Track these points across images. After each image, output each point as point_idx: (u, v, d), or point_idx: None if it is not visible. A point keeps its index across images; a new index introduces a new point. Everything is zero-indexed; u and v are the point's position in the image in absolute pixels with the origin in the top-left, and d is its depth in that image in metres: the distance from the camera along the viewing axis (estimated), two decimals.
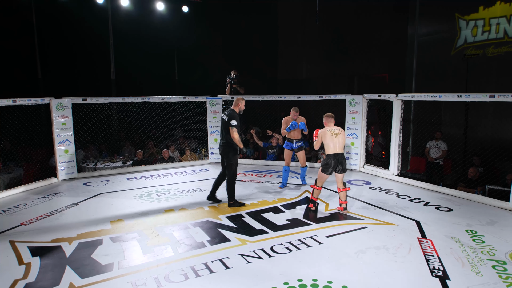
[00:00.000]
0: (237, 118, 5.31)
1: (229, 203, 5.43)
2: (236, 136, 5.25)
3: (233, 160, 5.39)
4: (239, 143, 5.30)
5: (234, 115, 5.35)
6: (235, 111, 5.46)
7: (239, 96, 5.57)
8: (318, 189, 5.23)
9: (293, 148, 6.54)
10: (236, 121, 5.27)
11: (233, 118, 5.28)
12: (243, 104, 5.57)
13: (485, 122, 8.18)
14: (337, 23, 12.52)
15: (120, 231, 4.58)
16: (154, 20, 12.54)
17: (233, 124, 5.24)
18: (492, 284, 3.31)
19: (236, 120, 5.27)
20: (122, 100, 7.86)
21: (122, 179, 7.32)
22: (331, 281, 3.35)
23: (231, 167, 5.40)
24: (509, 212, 5.21)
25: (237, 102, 5.55)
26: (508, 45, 8.47)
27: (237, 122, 5.27)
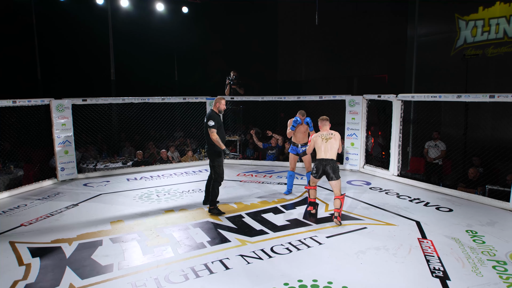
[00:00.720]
0: (215, 118, 5.13)
1: (209, 208, 5.26)
2: (214, 137, 5.07)
3: (216, 162, 5.22)
4: (219, 144, 5.11)
5: (212, 115, 5.17)
6: (214, 111, 5.27)
7: (219, 96, 5.44)
8: (313, 189, 5.14)
9: (298, 153, 6.16)
10: (214, 121, 5.09)
11: (210, 118, 5.12)
12: (222, 104, 5.36)
13: (485, 122, 8.18)
14: (336, 24, 12.53)
15: (120, 232, 4.58)
16: (153, 20, 12.54)
17: (210, 125, 5.07)
18: (493, 284, 3.30)
19: (213, 120, 5.09)
20: (122, 101, 7.86)
21: (122, 179, 7.32)
22: (331, 282, 3.35)
23: (215, 169, 5.24)
24: (509, 212, 5.20)
25: (216, 102, 5.36)
26: (508, 45, 8.47)
27: (214, 122, 5.09)
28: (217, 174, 5.24)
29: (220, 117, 5.36)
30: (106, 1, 11.04)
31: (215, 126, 5.11)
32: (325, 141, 4.93)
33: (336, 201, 4.80)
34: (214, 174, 5.27)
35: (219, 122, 5.22)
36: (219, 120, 5.26)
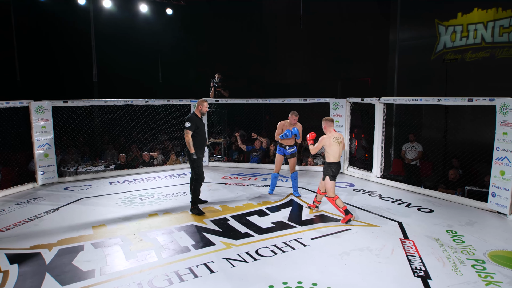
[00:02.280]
0: (192, 120, 5.13)
1: (191, 207, 5.33)
2: (187, 139, 5.10)
3: (192, 164, 5.26)
4: (189, 146, 5.11)
5: (190, 117, 5.20)
6: (195, 113, 5.29)
7: (201, 99, 5.45)
8: (337, 198, 4.96)
9: (285, 154, 6.16)
10: (191, 123, 5.09)
11: (187, 120, 5.14)
12: (205, 107, 5.36)
13: (464, 125, 8.40)
14: (321, 28, 12.67)
15: (102, 237, 4.49)
16: (137, 22, 12.40)
17: (185, 126, 5.10)
18: (472, 283, 3.39)
19: (190, 122, 5.10)
20: (104, 103, 7.74)
21: (105, 183, 7.19)
22: (316, 283, 3.37)
23: (194, 170, 5.31)
24: (487, 212, 5.35)
25: (198, 105, 5.35)
26: (485, 51, 8.75)
27: (191, 124, 5.09)
28: (197, 174, 5.29)
29: (201, 120, 5.34)
30: (88, 2, 10.86)
31: (191, 128, 5.12)
32: (338, 145, 4.93)
33: (321, 196, 5.39)
34: (194, 174, 5.33)
35: (197, 124, 5.19)
36: (198, 123, 5.24)
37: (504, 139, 5.12)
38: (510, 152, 5.03)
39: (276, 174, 6.25)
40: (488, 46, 8.71)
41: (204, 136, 5.38)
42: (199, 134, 5.23)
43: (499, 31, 8.51)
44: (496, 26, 8.56)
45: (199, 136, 5.25)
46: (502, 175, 5.15)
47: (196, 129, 5.18)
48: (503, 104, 5.08)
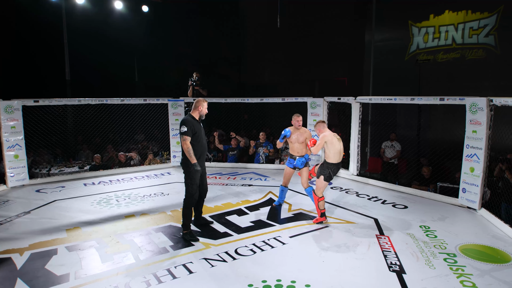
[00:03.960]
0: (189, 123, 4.28)
1: (182, 232, 4.41)
2: (185, 147, 4.23)
3: (187, 178, 4.39)
4: (189, 155, 4.23)
5: (186, 120, 4.33)
6: (193, 116, 4.44)
7: (200, 98, 4.62)
8: (322, 199, 4.78)
9: (295, 166, 5.35)
10: (187, 127, 4.24)
11: (182, 123, 4.28)
12: (205, 107, 4.49)
13: (436, 124, 8.69)
14: (299, 28, 12.79)
15: (77, 240, 4.37)
16: (112, 19, 12.10)
17: (181, 131, 4.25)
18: (444, 276, 3.51)
19: (186, 126, 4.24)
20: (78, 102, 7.52)
21: (79, 184, 6.99)
22: (295, 281, 3.40)
23: (187, 186, 4.40)
24: (458, 207, 5.56)
25: (197, 105, 4.46)
26: (456, 52, 9.07)
27: (187, 128, 4.24)
28: (188, 192, 4.38)
29: (199, 124, 4.48)
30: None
31: (189, 133, 4.25)
32: (340, 143, 4.77)
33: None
34: (186, 191, 4.41)
35: (195, 129, 4.32)
36: (197, 127, 4.37)
37: (473, 137, 5.32)
38: (479, 149, 5.24)
39: (284, 188, 5.50)
40: (458, 47, 9.03)
41: (204, 143, 4.49)
42: (198, 141, 4.36)
43: (468, 33, 8.85)
44: (466, 28, 8.89)
45: (198, 144, 4.36)
46: (472, 172, 5.35)
47: (193, 134, 4.31)
48: (473, 103, 5.29)
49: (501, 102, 4.89)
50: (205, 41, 13.68)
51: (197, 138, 4.36)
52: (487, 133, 5.15)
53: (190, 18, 13.62)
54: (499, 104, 4.95)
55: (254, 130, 9.30)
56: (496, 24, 8.36)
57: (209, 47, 13.74)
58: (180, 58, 13.53)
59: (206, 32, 13.66)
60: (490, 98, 5.08)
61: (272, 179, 7.26)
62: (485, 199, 5.33)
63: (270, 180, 7.23)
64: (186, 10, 13.42)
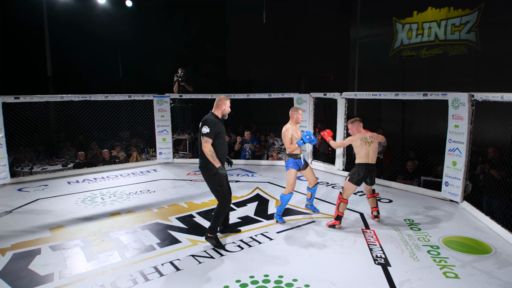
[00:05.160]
0: (212, 124, 3.86)
1: (207, 235, 4.11)
2: (207, 149, 3.82)
3: (213, 183, 4.00)
4: (213, 159, 3.83)
5: (209, 120, 3.90)
6: (215, 115, 4.02)
7: (222, 95, 4.14)
8: (345, 202, 4.54)
9: (300, 167, 4.97)
10: (209, 127, 3.82)
11: (204, 124, 3.86)
12: (227, 106, 4.07)
13: (420, 119, 8.85)
14: (285, 24, 12.78)
15: (61, 239, 4.29)
16: (95, 14, 11.85)
17: (203, 132, 3.83)
18: (428, 267, 3.59)
19: (209, 126, 3.83)
20: (60, 99, 7.36)
21: (62, 183, 6.86)
22: (282, 276, 3.43)
23: (216, 192, 4.05)
24: (441, 200, 5.68)
25: (219, 103, 4.04)
26: (439, 48, 9.23)
27: (210, 129, 3.82)
28: (221, 197, 4.03)
29: (222, 124, 4.06)
30: None
31: (211, 134, 3.83)
32: (368, 145, 4.55)
33: (372, 200, 4.85)
34: (217, 197, 4.07)
35: (218, 129, 3.91)
36: (219, 128, 3.95)
37: (455, 131, 5.44)
38: (461, 143, 5.36)
39: (290, 195, 4.82)
40: (441, 43, 9.20)
41: (225, 145, 4.08)
42: (220, 143, 3.95)
43: (451, 29, 9.01)
44: (448, 24, 9.05)
45: (221, 146, 3.97)
46: (454, 166, 5.47)
47: (216, 135, 3.91)
48: (455, 98, 5.40)
49: (482, 97, 5.00)
50: (191, 37, 13.55)
51: (220, 140, 3.95)
52: (468, 128, 5.27)
53: (176, 13, 13.45)
54: (480, 99, 5.06)
55: (241, 126, 9.29)
56: (477, 20, 8.54)
57: (195, 42, 13.61)
58: (165, 53, 13.36)
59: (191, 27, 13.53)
60: (472, 94, 5.20)
61: (259, 175, 7.27)
62: (467, 192, 5.45)
63: (257, 176, 7.24)
64: (170, 5, 13.25)
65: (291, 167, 4.82)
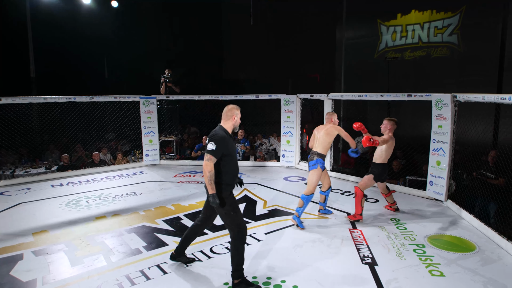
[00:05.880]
0: (220, 141, 3.22)
1: (233, 282, 3.26)
2: (207, 170, 3.18)
3: (225, 209, 3.26)
4: (209, 183, 3.18)
5: (217, 136, 3.25)
6: (225, 128, 3.36)
7: (232, 105, 3.47)
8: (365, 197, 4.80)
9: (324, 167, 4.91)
10: (217, 145, 3.19)
11: (212, 139, 3.24)
12: (239, 117, 3.43)
13: (404, 119, 8.97)
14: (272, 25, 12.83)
15: (45, 243, 4.20)
16: (80, 14, 11.67)
17: (208, 148, 3.22)
18: (414, 266, 3.64)
19: (216, 143, 3.20)
20: (43, 100, 7.20)
21: (46, 186, 6.72)
22: (270, 277, 3.42)
23: (229, 219, 3.28)
24: (426, 199, 5.77)
25: (230, 114, 3.38)
26: (422, 50, 9.40)
27: (216, 146, 3.19)
28: (235, 224, 3.28)
29: (232, 140, 3.41)
30: None
31: (217, 153, 3.20)
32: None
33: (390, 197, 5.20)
34: (230, 226, 3.30)
35: (226, 149, 3.25)
36: (229, 144, 3.31)
37: (439, 131, 5.54)
38: (444, 143, 5.46)
39: (312, 195, 4.74)
40: (424, 45, 9.37)
41: (236, 164, 3.41)
42: (228, 162, 3.29)
43: (434, 32, 9.19)
44: (431, 27, 9.23)
45: (229, 166, 3.31)
46: (438, 165, 5.57)
47: (225, 155, 3.26)
48: (438, 99, 5.50)
49: (464, 98, 5.11)
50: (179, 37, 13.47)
51: (228, 159, 3.28)
52: (451, 128, 5.37)
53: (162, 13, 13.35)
54: (462, 100, 5.17)
55: None
56: (459, 23, 8.73)
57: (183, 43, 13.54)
58: (152, 54, 13.25)
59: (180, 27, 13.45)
60: (454, 94, 5.30)
61: (247, 176, 7.26)
62: (451, 191, 5.56)
63: (245, 177, 7.22)
64: (157, 5, 13.14)
65: (321, 166, 4.81)
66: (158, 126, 8.32)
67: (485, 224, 4.48)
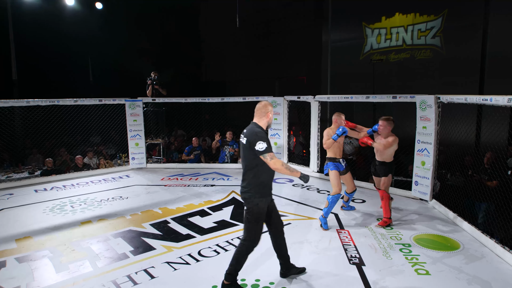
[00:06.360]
0: (265, 137, 3.17)
1: (223, 283, 3.24)
2: (279, 165, 3.13)
3: (253, 215, 3.24)
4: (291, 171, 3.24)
5: (259, 133, 3.18)
6: (260, 126, 3.30)
7: (265, 101, 3.45)
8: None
9: (340, 170, 4.93)
10: (266, 142, 3.12)
11: (258, 138, 3.12)
12: (272, 112, 3.38)
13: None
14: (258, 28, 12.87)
15: (28, 250, 4.10)
16: (64, 16, 11.49)
17: (261, 149, 3.09)
18: (400, 265, 3.69)
19: (264, 140, 3.12)
20: (26, 104, 7.05)
21: (29, 191, 6.57)
22: (259, 279, 3.42)
23: (249, 225, 3.29)
24: (411, 199, 5.86)
25: (265, 111, 3.33)
26: (406, 52, 9.56)
27: (267, 142, 3.14)
28: (251, 233, 3.28)
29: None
30: None
31: (270, 148, 3.16)
32: None
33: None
34: (247, 231, 3.31)
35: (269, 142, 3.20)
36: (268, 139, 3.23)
37: (423, 132, 5.64)
38: (429, 144, 5.56)
39: (338, 196, 4.76)
40: (408, 48, 9.53)
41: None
42: (265, 165, 3.19)
43: (417, 34, 9.36)
44: (414, 29, 9.40)
45: (267, 169, 3.20)
46: (423, 165, 5.67)
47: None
48: (422, 101, 5.60)
49: (447, 99, 5.21)
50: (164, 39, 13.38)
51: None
52: (435, 129, 5.48)
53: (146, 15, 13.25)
54: (445, 101, 5.28)
55: (215, 130, 9.24)
56: (441, 26, 8.91)
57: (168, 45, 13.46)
58: (137, 56, 13.12)
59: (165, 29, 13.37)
60: (438, 96, 5.41)
61: (235, 179, 7.25)
62: (436, 191, 5.66)
63: (233, 179, 7.21)
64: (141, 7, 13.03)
65: (331, 168, 4.88)
66: (144, 129, 8.24)
67: (468, 223, 4.58)
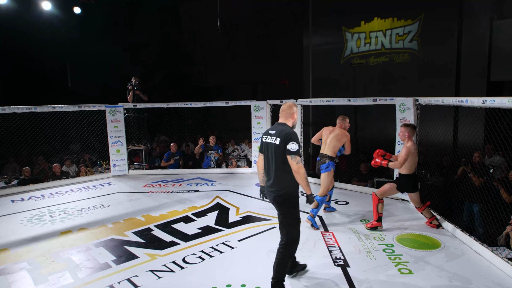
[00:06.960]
0: (298, 139, 3.11)
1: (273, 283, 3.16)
2: (303, 173, 3.07)
3: (289, 214, 3.21)
4: (307, 185, 3.14)
5: (293, 133, 3.12)
6: (289, 126, 3.26)
7: (290, 101, 3.42)
8: (382, 203, 4.68)
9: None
10: (298, 144, 3.07)
11: (293, 138, 3.05)
12: (297, 113, 3.35)
13: (371, 123, 9.27)
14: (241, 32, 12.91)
15: (5, 262, 3.95)
16: (40, 21, 11.21)
17: (292, 149, 3.02)
18: (384, 265, 3.74)
19: (297, 142, 3.07)
20: (1, 111, 6.83)
21: (5, 201, 6.35)
22: (245, 284, 3.40)
23: (288, 227, 3.22)
24: (393, 200, 5.96)
25: (290, 111, 3.27)
26: (385, 56, 9.78)
27: (299, 146, 3.08)
28: (291, 235, 3.21)
29: None
30: None
31: (299, 153, 3.09)
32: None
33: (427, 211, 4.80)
34: (286, 234, 3.21)
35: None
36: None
37: None
38: None
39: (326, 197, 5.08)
40: (387, 51, 9.75)
41: None
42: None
43: (395, 39, 9.59)
44: (393, 34, 9.63)
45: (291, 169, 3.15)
46: None
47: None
48: (401, 103, 5.72)
49: (425, 101, 5.35)
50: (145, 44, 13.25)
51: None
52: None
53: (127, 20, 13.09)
54: (423, 103, 5.41)
55: (199, 135, 9.19)
56: (418, 30, 9.16)
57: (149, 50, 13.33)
58: (117, 62, 12.92)
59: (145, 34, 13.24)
60: (416, 98, 5.54)
61: (219, 184, 7.21)
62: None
63: (217, 184, 7.17)
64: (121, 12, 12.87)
65: (332, 168, 5.08)
66: (126, 135, 8.10)
67: (448, 222, 4.69)
